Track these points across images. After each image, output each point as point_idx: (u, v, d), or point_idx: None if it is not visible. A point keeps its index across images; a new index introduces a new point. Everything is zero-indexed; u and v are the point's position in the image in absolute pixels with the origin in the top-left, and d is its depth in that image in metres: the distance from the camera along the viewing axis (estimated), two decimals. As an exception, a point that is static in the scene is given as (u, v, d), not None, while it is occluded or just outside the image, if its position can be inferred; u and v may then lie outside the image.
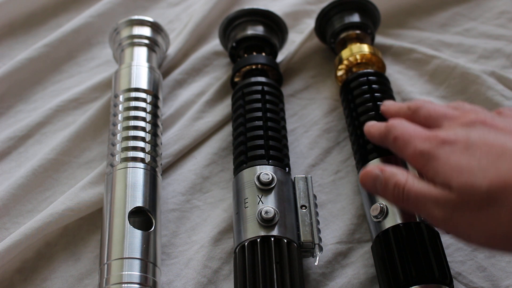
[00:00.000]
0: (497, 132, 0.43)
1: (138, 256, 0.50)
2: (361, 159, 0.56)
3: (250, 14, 0.67)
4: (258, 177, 0.52)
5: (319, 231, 0.52)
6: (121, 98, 0.60)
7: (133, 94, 0.60)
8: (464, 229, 0.42)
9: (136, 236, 0.51)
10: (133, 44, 0.66)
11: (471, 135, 0.43)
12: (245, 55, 0.66)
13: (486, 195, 0.39)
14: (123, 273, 0.48)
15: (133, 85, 0.61)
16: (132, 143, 0.56)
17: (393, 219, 0.50)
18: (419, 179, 0.44)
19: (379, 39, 0.71)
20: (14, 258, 0.54)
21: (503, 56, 0.69)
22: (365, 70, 0.62)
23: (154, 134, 0.59)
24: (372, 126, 0.52)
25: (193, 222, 0.58)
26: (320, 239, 0.51)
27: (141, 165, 0.55)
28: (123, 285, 0.48)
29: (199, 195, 0.60)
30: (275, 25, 0.68)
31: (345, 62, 0.64)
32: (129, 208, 0.52)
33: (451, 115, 0.47)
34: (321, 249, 0.51)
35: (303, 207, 0.53)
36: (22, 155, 0.64)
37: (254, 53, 0.65)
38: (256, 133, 0.57)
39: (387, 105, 0.55)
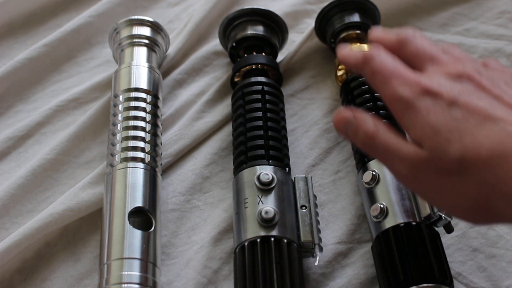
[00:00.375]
0: (483, 94, 0.41)
1: (138, 256, 0.50)
2: (361, 159, 0.56)
3: (250, 14, 0.67)
4: (258, 177, 0.52)
5: (319, 231, 0.52)
6: (121, 98, 0.60)
7: (133, 94, 0.60)
8: (428, 191, 0.41)
9: (136, 236, 0.51)
10: (133, 44, 0.66)
11: (456, 91, 0.40)
12: (245, 55, 0.65)
13: (457, 163, 0.38)
14: (123, 273, 0.48)
15: (133, 85, 0.61)
16: (132, 143, 0.56)
17: (393, 219, 0.50)
18: (391, 131, 0.42)
19: (379, 39, 0.71)
20: (14, 258, 0.54)
21: (504, 56, 0.69)
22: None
23: (154, 134, 0.59)
24: (348, 52, 0.47)
25: (193, 222, 0.58)
26: (320, 239, 0.51)
27: (141, 165, 0.55)
28: (123, 285, 0.48)
29: (199, 195, 0.60)
30: (275, 25, 0.68)
31: (345, 62, 0.64)
32: (129, 208, 0.52)
33: (438, 59, 0.44)
34: (321, 249, 0.51)
35: (303, 207, 0.53)
36: (22, 155, 0.64)
37: (254, 53, 0.65)
38: (256, 133, 0.57)
39: (374, 31, 0.49)
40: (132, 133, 0.57)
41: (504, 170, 0.37)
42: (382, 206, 0.51)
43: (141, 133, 0.57)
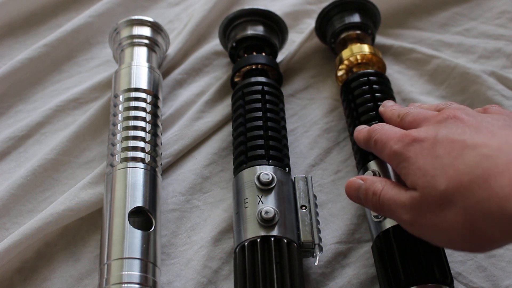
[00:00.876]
0: (464, 127, 0.44)
1: (138, 256, 0.50)
2: (362, 159, 0.56)
3: (250, 14, 0.67)
4: (258, 177, 0.52)
5: (319, 231, 0.52)
6: (121, 98, 0.60)
7: (133, 94, 0.60)
8: (427, 230, 0.43)
9: (136, 236, 0.51)
10: (133, 44, 0.66)
11: (439, 132, 0.44)
12: (245, 55, 0.65)
13: (444, 195, 0.40)
14: (123, 273, 0.48)
15: (133, 85, 0.61)
16: (132, 143, 0.56)
17: (393, 219, 0.50)
18: (394, 186, 0.46)
19: (379, 39, 0.71)
20: (14, 258, 0.54)
21: (503, 56, 0.69)
22: (366, 70, 0.62)
23: (154, 134, 0.59)
24: (359, 132, 0.54)
25: (193, 222, 0.58)
26: (320, 239, 0.51)
27: (141, 165, 0.55)
28: (123, 285, 0.48)
29: (199, 195, 0.60)
30: (275, 25, 0.68)
31: (346, 62, 0.64)
32: (129, 208, 0.52)
33: (430, 116, 0.48)
34: (321, 249, 0.51)
35: (303, 207, 0.53)
36: (22, 155, 0.64)
37: (254, 53, 0.65)
38: (256, 133, 0.57)
39: (383, 110, 0.56)
40: (132, 133, 0.57)
41: (483, 189, 0.38)
42: (382, 206, 0.51)
43: (141, 133, 0.57)
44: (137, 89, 0.61)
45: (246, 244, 0.49)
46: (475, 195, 0.39)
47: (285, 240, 0.49)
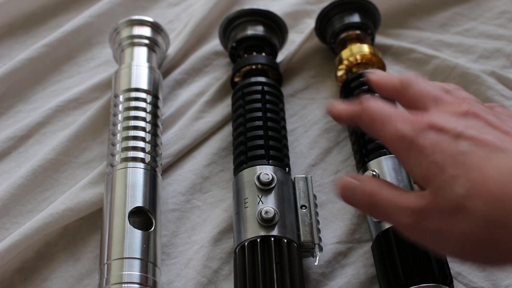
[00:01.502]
0: (490, 129, 0.38)
1: (138, 256, 0.50)
2: (361, 159, 0.56)
3: (250, 14, 0.67)
4: (258, 177, 0.52)
5: (319, 231, 0.52)
6: (121, 98, 0.60)
7: (133, 94, 0.60)
8: (432, 238, 0.38)
9: (136, 236, 0.51)
10: (133, 44, 0.66)
11: (461, 125, 0.38)
12: (245, 55, 0.66)
13: (462, 200, 0.35)
14: (123, 273, 0.48)
15: (133, 85, 0.61)
16: (132, 143, 0.56)
17: (393, 219, 0.50)
18: (393, 187, 0.41)
19: (379, 39, 0.71)
20: (14, 258, 0.54)
21: (503, 56, 0.69)
22: (366, 70, 0.62)
23: (154, 134, 0.59)
24: (340, 105, 0.46)
25: (193, 222, 0.58)
26: (320, 239, 0.51)
27: (141, 165, 0.55)
28: (123, 285, 0.48)
29: (199, 195, 0.60)
30: (275, 25, 0.68)
31: (345, 62, 0.64)
32: (129, 208, 0.52)
33: (442, 99, 0.41)
34: (321, 249, 0.51)
35: (303, 207, 0.53)
36: (22, 155, 0.64)
37: (254, 53, 0.65)
38: (256, 133, 0.57)
39: (377, 76, 0.48)
40: (132, 133, 0.57)
41: None
42: (382, 206, 0.51)
43: (141, 133, 0.57)
44: (137, 89, 0.61)
45: (246, 244, 0.49)
46: (506, 207, 0.33)
47: (285, 240, 0.49)
